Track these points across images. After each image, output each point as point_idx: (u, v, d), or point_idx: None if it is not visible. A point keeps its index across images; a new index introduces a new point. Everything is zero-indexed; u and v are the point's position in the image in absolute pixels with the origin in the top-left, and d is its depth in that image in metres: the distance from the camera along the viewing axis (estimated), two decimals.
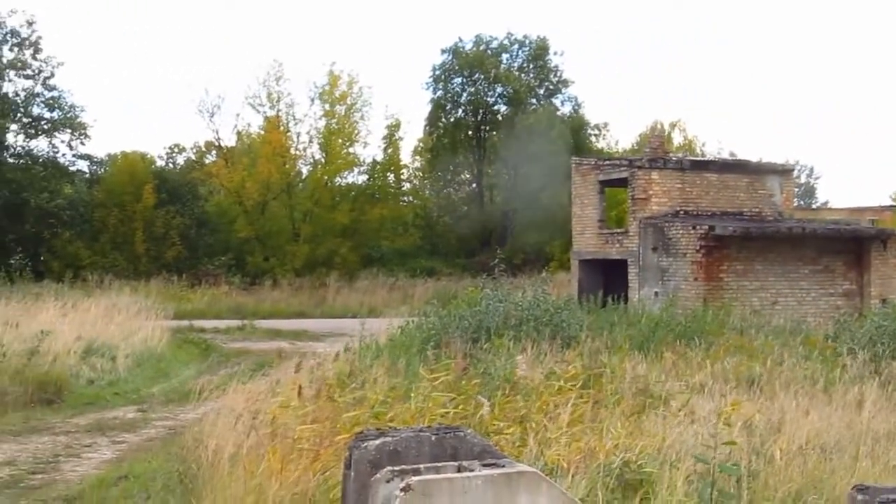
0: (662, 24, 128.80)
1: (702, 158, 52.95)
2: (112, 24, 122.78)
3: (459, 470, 7.34)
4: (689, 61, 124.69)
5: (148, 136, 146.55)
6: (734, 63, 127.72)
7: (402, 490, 6.86)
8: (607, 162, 43.63)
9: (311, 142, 73.09)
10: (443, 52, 76.80)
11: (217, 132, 74.26)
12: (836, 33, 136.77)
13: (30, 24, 67.03)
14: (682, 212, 36.08)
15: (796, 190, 52.25)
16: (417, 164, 78.29)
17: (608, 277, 36.74)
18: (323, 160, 72.77)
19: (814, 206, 67.50)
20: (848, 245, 36.65)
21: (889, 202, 75.33)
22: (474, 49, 75.47)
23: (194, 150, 76.13)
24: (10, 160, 65.88)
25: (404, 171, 79.39)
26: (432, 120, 76.22)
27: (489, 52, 75.74)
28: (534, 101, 74.76)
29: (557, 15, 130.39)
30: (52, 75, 67.48)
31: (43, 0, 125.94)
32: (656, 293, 34.27)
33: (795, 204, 48.65)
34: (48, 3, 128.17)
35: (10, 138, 66.56)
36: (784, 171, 43.66)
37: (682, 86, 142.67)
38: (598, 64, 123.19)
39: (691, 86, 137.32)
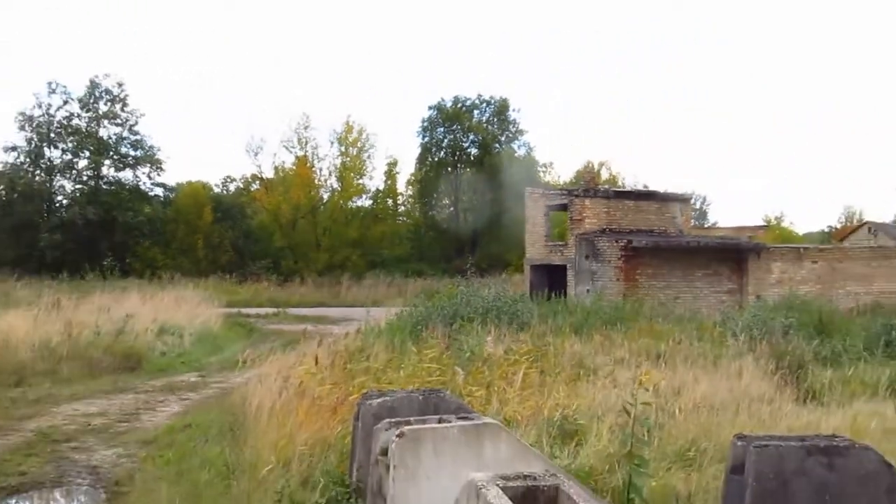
0: (597, 85, 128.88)
1: (622, 189, 52.89)
2: (183, 82, 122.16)
3: (440, 421, 7.38)
4: (617, 113, 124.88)
5: (208, 169, 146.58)
6: (650, 113, 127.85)
7: (397, 436, 6.90)
8: (552, 192, 43.60)
9: (330, 175, 73.40)
10: (429, 108, 77.04)
11: (259, 167, 74.59)
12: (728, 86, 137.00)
13: (119, 85, 67.38)
14: (607, 229, 36.09)
15: (693, 213, 52.19)
16: (410, 192, 78.47)
17: (552, 278, 36.75)
18: (339, 189, 72.99)
19: (706, 226, 67.53)
20: (731, 255, 36.74)
21: (762, 223, 75.58)
22: (453, 107, 75.68)
23: (242, 180, 76.00)
24: (104, 187, 65.84)
25: (400, 197, 79.78)
26: (421, 159, 76.35)
27: (464, 108, 75.85)
28: (497, 145, 74.80)
29: (517, 78, 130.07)
30: (136, 123, 67.67)
31: (129, 62, 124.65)
32: (588, 290, 34.32)
33: (692, 224, 48.62)
34: (134, 65, 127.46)
35: (104, 170, 66.73)
36: (683, 199, 43.71)
37: (611, 132, 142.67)
38: (547, 116, 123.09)
39: (617, 132, 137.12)
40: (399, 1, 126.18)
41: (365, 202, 75.47)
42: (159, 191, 68.07)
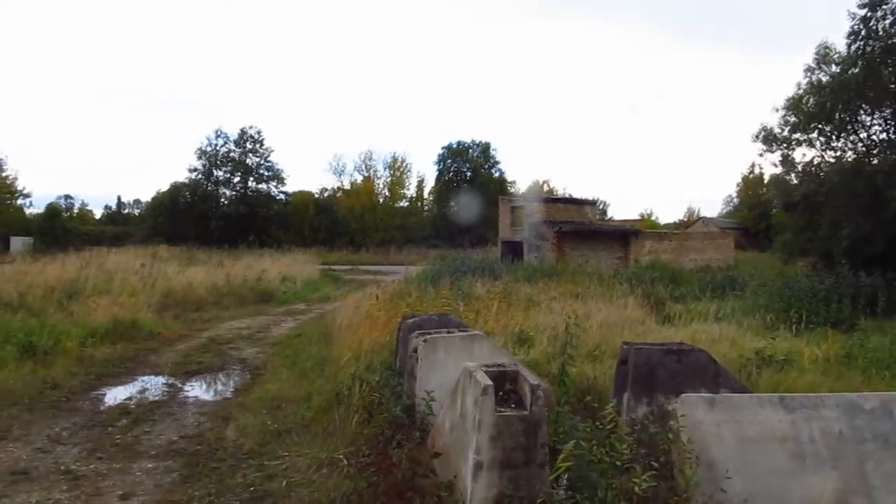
0: (544, 128, 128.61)
1: (556, 196, 52.94)
2: (296, 126, 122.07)
3: (448, 332, 7.41)
4: (554, 148, 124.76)
5: (311, 180, 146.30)
6: (576, 145, 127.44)
7: (423, 341, 6.93)
8: (515, 198, 43.64)
9: (383, 187, 73.49)
10: (442, 147, 77.72)
11: (341, 181, 74.90)
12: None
13: (258, 132, 67.26)
14: (546, 220, 36.01)
15: (598, 210, 52.15)
16: (431, 198, 78.40)
17: (514, 250, 36.74)
18: (388, 195, 73.10)
19: (605, 218, 67.38)
20: (620, 236, 36.73)
21: (638, 217, 75.49)
22: (456, 147, 75.93)
23: (331, 189, 75.85)
24: (249, 193, 65.81)
25: (425, 201, 79.71)
26: (438, 178, 76.55)
27: (462, 147, 76.04)
28: (482, 170, 74.81)
29: (496, 126, 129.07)
30: (269, 154, 67.62)
31: (264, 115, 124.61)
32: (535, 257, 34.32)
33: (597, 217, 48.58)
34: (265, 115, 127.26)
35: (249, 184, 66.58)
36: (592, 202, 43.75)
37: (550, 159, 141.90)
38: (513, 150, 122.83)
39: (554, 158, 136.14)
40: (421, 80, 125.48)
41: (404, 203, 75.69)
42: (282, 196, 68.07)
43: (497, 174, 76.99)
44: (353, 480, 5.66)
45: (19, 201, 62.64)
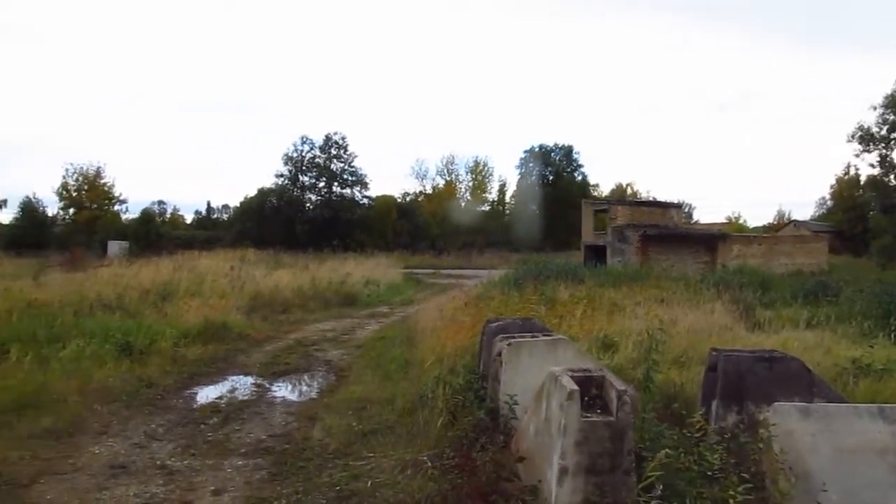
0: (629, 131, 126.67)
1: (640, 200, 52.27)
2: (379, 133, 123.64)
3: (532, 336, 7.38)
4: (640, 150, 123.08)
5: (393, 185, 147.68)
6: (662, 146, 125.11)
7: (507, 345, 6.93)
8: (598, 202, 43.37)
9: (465, 191, 73.84)
10: (525, 151, 77.11)
11: (424, 185, 75.37)
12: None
13: (343, 138, 68.37)
14: (630, 224, 35.59)
15: (683, 213, 51.16)
16: (513, 202, 78.26)
17: (597, 254, 36.39)
18: (470, 198, 73.27)
19: (691, 222, 65.92)
20: (707, 240, 36.06)
21: (725, 220, 73.61)
22: (539, 150, 75.45)
23: (413, 194, 76.45)
24: (334, 198, 66.75)
25: (507, 205, 79.45)
26: (520, 182, 76.34)
27: (545, 151, 75.56)
28: (565, 174, 74.29)
29: (579, 130, 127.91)
30: (353, 160, 68.49)
31: (349, 122, 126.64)
32: (618, 261, 33.89)
33: (684, 220, 47.70)
34: (350, 122, 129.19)
35: (334, 189, 67.58)
36: (677, 205, 43.15)
37: (635, 162, 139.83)
38: (597, 152, 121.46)
39: (639, 161, 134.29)
40: (508, 88, 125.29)
41: (486, 207, 75.69)
42: (366, 201, 68.95)
43: (580, 177, 76.41)
44: (437, 482, 5.70)
45: (116, 207, 65.57)
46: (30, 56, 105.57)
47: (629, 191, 79.38)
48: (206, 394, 9.81)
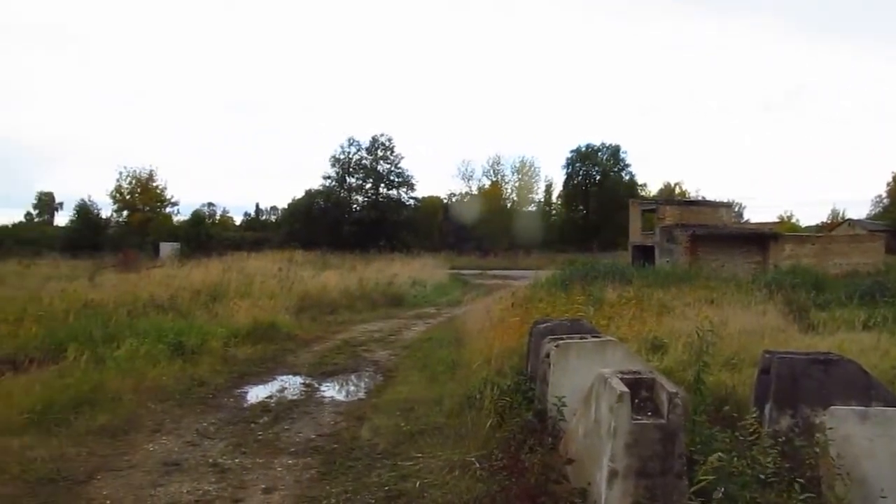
0: (677, 131, 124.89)
1: (688, 199, 51.64)
2: (426, 135, 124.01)
3: (581, 338, 7.33)
4: (688, 150, 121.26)
5: (440, 185, 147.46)
6: (709, 148, 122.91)
7: (555, 347, 6.89)
8: (645, 201, 42.99)
9: (511, 191, 73.63)
10: (571, 151, 76.04)
11: (469, 186, 75.10)
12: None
13: (389, 139, 68.75)
14: (679, 224, 35.17)
15: (733, 213, 50.44)
16: (560, 202, 77.60)
17: (645, 254, 36.00)
18: (516, 199, 73.12)
19: (741, 221, 64.76)
20: (758, 239, 35.39)
21: (777, 219, 72.13)
22: (585, 150, 74.73)
23: (458, 194, 76.33)
24: (380, 200, 67.14)
25: (554, 205, 78.85)
26: (566, 182, 75.39)
27: (591, 150, 74.87)
28: (612, 173, 73.53)
29: (624, 126, 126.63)
30: (399, 161, 68.86)
31: (395, 116, 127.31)
32: (667, 261, 33.47)
33: (734, 220, 47.02)
34: (397, 125, 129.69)
35: (380, 190, 68.00)
36: (727, 205, 42.72)
37: (683, 161, 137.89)
38: (645, 151, 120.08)
39: (687, 161, 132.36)
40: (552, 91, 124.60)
41: (532, 208, 75.37)
42: (412, 201, 69.29)
43: (627, 177, 75.40)
44: (485, 483, 5.70)
45: (168, 209, 66.75)
46: (83, 60, 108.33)
47: (677, 190, 78.17)
48: (256, 393, 9.95)
